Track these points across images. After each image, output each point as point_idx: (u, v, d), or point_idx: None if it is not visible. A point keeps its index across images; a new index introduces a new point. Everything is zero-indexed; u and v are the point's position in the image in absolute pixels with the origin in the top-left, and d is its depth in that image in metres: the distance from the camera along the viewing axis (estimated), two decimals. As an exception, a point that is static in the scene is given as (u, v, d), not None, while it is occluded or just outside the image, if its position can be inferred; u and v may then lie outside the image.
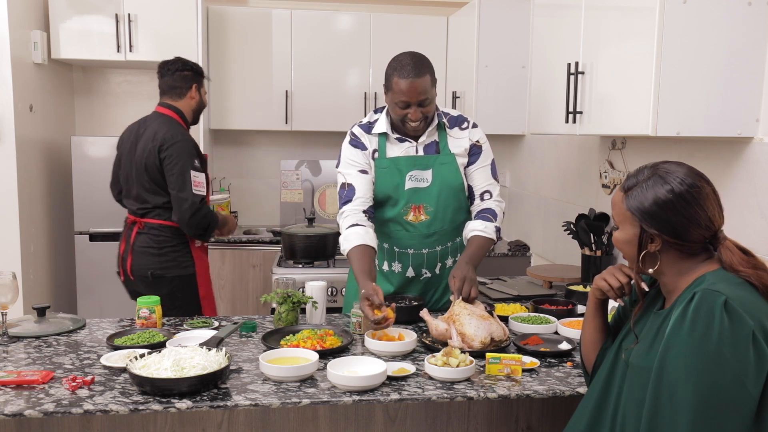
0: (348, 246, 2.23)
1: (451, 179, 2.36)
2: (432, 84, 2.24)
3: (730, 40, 1.94)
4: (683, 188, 1.36)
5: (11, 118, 3.39)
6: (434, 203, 2.36)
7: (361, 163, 2.36)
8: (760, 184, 1.99)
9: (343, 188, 2.36)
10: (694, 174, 1.39)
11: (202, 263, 2.92)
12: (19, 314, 3.09)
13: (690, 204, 1.35)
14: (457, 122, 2.41)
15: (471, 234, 2.34)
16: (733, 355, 1.23)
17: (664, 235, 1.38)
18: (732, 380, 1.22)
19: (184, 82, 2.94)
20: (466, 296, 2.12)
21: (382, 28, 4.27)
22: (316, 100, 4.29)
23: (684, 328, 1.28)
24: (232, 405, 1.64)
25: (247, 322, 2.24)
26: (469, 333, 1.98)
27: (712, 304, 1.27)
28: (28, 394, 1.67)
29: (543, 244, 3.68)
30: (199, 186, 2.80)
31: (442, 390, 1.73)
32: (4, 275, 2.10)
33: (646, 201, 1.38)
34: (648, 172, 1.41)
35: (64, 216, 4.04)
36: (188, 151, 2.80)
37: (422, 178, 2.36)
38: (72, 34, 3.82)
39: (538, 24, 2.91)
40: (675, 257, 1.41)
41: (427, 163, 2.35)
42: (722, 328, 1.24)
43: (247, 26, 4.19)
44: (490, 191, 2.41)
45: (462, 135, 2.39)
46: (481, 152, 2.40)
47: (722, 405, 1.23)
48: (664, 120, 1.96)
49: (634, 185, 1.41)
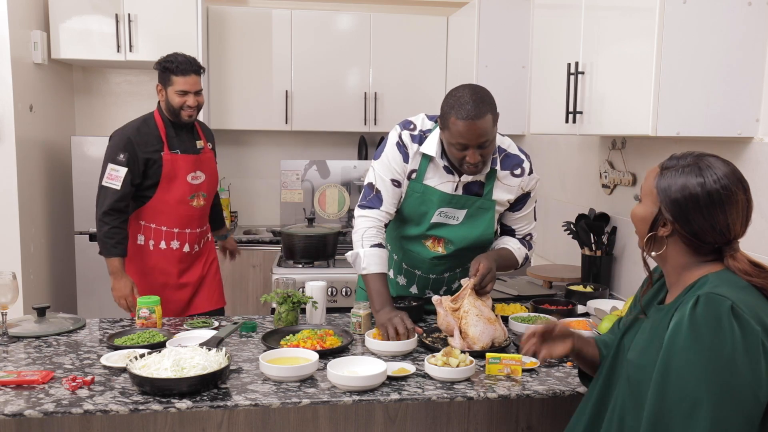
0: (370, 269, 2.13)
1: (481, 229, 2.19)
2: (494, 123, 2.00)
3: (730, 40, 1.94)
4: (715, 187, 1.32)
5: (11, 118, 3.39)
6: (455, 243, 2.21)
7: (398, 172, 2.16)
8: (760, 184, 1.99)
9: (371, 189, 2.20)
10: (735, 177, 1.35)
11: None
12: (19, 314, 3.09)
13: (714, 205, 1.32)
14: (511, 166, 2.17)
15: (503, 245, 2.24)
16: (746, 364, 1.21)
17: (677, 224, 1.35)
18: (745, 388, 1.21)
19: (157, 80, 2.88)
20: (479, 283, 2.04)
21: (382, 28, 4.27)
22: (316, 100, 4.29)
23: (689, 334, 1.25)
24: (232, 405, 1.64)
25: (247, 322, 2.24)
26: (472, 335, 1.97)
27: (718, 310, 1.24)
28: (28, 394, 1.67)
29: (543, 244, 3.68)
30: (112, 178, 2.76)
31: (442, 390, 1.73)
32: (4, 275, 2.10)
33: (674, 185, 1.35)
34: (691, 159, 1.37)
35: (64, 216, 4.04)
36: (115, 144, 2.79)
37: (453, 216, 2.18)
38: (72, 34, 3.82)
39: (538, 24, 2.91)
40: (681, 249, 1.38)
41: (463, 203, 2.17)
42: (734, 336, 1.22)
43: (247, 26, 4.19)
44: (531, 234, 2.31)
45: (513, 183, 2.17)
46: (527, 199, 2.23)
47: (734, 413, 1.21)
48: (664, 120, 1.96)
49: (673, 166, 1.38)
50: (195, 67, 2.85)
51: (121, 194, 2.77)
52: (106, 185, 2.77)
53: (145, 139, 2.81)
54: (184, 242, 2.94)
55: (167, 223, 2.90)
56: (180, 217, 2.91)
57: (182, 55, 2.85)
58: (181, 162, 2.87)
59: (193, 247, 2.99)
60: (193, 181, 2.91)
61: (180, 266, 2.95)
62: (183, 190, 2.88)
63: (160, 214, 2.88)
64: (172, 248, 2.92)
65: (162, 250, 2.91)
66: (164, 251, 2.91)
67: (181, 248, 2.94)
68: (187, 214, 2.92)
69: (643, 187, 1.44)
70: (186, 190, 2.89)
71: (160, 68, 2.85)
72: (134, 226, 2.90)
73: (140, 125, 2.86)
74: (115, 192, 2.76)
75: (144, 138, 2.82)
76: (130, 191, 2.80)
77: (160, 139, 2.84)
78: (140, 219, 2.89)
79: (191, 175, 2.90)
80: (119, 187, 2.76)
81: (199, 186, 2.94)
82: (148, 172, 2.82)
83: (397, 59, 4.32)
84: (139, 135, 2.82)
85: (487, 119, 1.96)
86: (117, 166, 2.76)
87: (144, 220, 2.89)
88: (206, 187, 2.98)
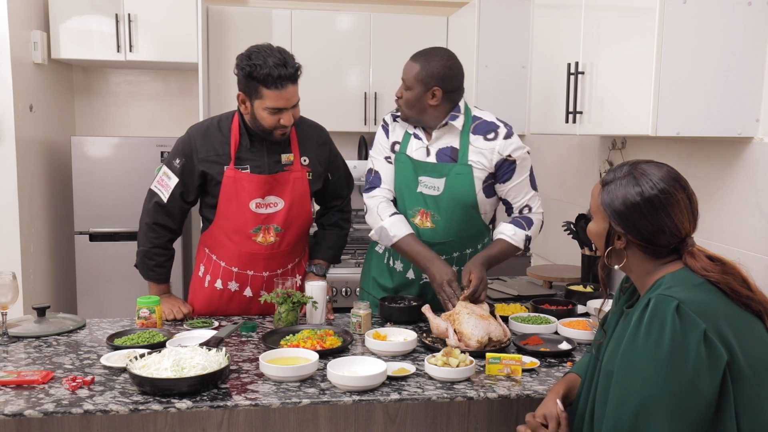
0: (399, 234, 2.25)
1: (462, 195, 2.24)
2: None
3: (730, 40, 1.94)
4: (653, 193, 1.35)
5: (11, 118, 3.39)
6: (441, 214, 2.27)
7: (385, 148, 2.36)
8: (760, 184, 1.99)
9: (370, 173, 2.39)
10: (670, 179, 1.38)
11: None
12: (19, 314, 3.08)
13: (657, 209, 1.35)
14: (484, 131, 2.25)
15: (498, 236, 2.28)
16: (686, 360, 1.23)
17: (629, 235, 1.39)
18: (685, 384, 1.23)
19: (238, 84, 2.20)
20: (472, 295, 2.11)
21: (382, 28, 4.27)
22: (316, 100, 4.27)
23: (639, 335, 1.29)
24: (232, 405, 1.64)
25: (247, 322, 2.24)
26: (465, 332, 1.99)
27: (664, 310, 1.27)
28: (28, 394, 1.67)
29: (543, 244, 3.68)
30: (162, 185, 2.28)
31: (442, 390, 1.73)
32: (4, 275, 2.10)
33: (616, 199, 1.39)
34: (626, 169, 1.41)
35: (64, 216, 4.04)
36: (177, 144, 2.32)
37: (434, 186, 2.26)
38: (72, 34, 3.82)
39: (538, 24, 2.91)
40: (640, 257, 1.41)
41: (440, 171, 2.25)
42: (674, 334, 1.25)
43: (247, 26, 4.19)
44: (529, 206, 2.31)
45: (485, 146, 2.24)
46: (515, 167, 2.24)
47: (682, 409, 1.23)
48: (664, 120, 1.96)
49: (611, 180, 1.42)
50: (292, 72, 2.14)
51: (169, 209, 2.28)
52: (154, 189, 2.29)
53: (210, 146, 2.24)
54: (245, 286, 2.36)
55: (226, 258, 2.33)
56: (240, 254, 2.31)
57: (274, 55, 2.11)
58: (245, 183, 2.23)
59: (258, 293, 2.35)
60: (258, 210, 2.26)
61: (241, 308, 2.40)
62: (244, 220, 2.26)
63: (219, 246, 2.33)
64: (230, 290, 2.35)
65: (218, 290, 2.35)
66: (220, 292, 2.35)
67: (241, 291, 2.36)
68: (250, 251, 2.30)
69: (591, 205, 1.48)
70: (248, 220, 2.26)
71: (244, 74, 2.13)
72: (200, 252, 2.42)
73: (210, 127, 2.28)
74: (161, 204, 2.27)
75: (209, 144, 2.24)
76: (180, 208, 2.29)
77: (227, 149, 2.24)
78: (204, 245, 2.39)
79: (256, 201, 2.24)
80: (166, 200, 2.26)
81: (269, 217, 2.28)
82: (208, 189, 2.28)
83: (397, 59, 4.27)
84: (204, 139, 2.24)
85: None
86: (170, 172, 2.26)
87: (207, 247, 2.37)
88: (282, 218, 2.29)
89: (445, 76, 2.22)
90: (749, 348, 1.27)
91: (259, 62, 2.09)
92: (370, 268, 2.54)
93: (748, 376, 1.25)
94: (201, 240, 2.41)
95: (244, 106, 2.21)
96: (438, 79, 2.21)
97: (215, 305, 2.38)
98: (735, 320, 1.29)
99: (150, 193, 2.32)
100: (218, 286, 2.35)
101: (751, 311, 1.34)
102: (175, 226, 2.34)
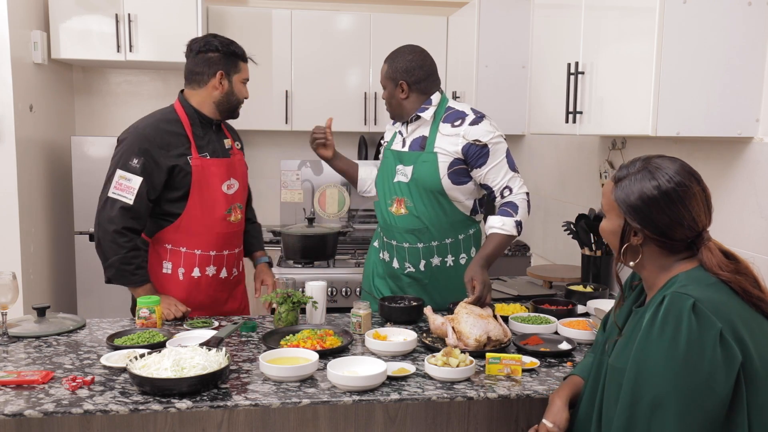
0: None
1: (426, 181, 2.34)
2: None
3: (730, 40, 1.94)
4: (670, 186, 1.35)
5: (11, 118, 3.39)
6: (413, 200, 2.39)
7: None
8: (760, 184, 1.99)
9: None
10: (685, 172, 1.37)
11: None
12: (19, 314, 3.08)
13: (674, 203, 1.35)
14: (452, 119, 2.34)
15: (489, 231, 2.34)
16: (703, 359, 1.23)
17: (646, 230, 1.38)
18: (702, 383, 1.23)
19: (206, 67, 2.34)
20: (478, 300, 2.13)
21: (382, 28, 4.27)
22: (316, 100, 4.29)
23: (654, 333, 1.28)
24: (232, 405, 1.64)
25: (247, 322, 2.24)
26: (464, 331, 1.99)
27: (680, 308, 1.26)
28: (28, 394, 1.67)
29: (543, 244, 3.68)
30: (123, 189, 2.25)
31: (442, 390, 1.73)
32: (4, 275, 2.10)
33: (632, 195, 1.38)
34: (639, 164, 1.40)
35: (64, 216, 4.04)
36: (128, 146, 2.29)
37: (405, 173, 2.40)
38: (72, 34, 3.82)
39: (538, 24, 2.91)
40: (656, 253, 1.40)
41: (409, 159, 2.39)
42: (690, 333, 1.24)
43: (247, 26, 4.19)
44: (509, 187, 2.33)
45: (452, 132, 2.31)
46: (487, 152, 2.29)
47: (695, 407, 1.23)
48: (664, 120, 1.96)
49: (625, 176, 1.41)
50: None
51: (136, 210, 2.27)
52: (114, 197, 2.25)
53: (168, 141, 2.29)
54: (222, 267, 2.44)
55: (202, 245, 2.37)
56: (217, 236, 2.39)
57: (222, 37, 2.39)
58: (214, 168, 2.35)
59: (231, 272, 2.49)
60: (228, 191, 2.39)
61: (216, 296, 2.47)
62: (219, 203, 2.37)
63: (193, 235, 2.36)
64: (208, 275, 2.41)
65: (195, 279, 2.39)
66: (197, 280, 2.39)
67: (218, 274, 2.44)
68: (226, 231, 2.40)
69: (603, 204, 1.47)
70: (222, 202, 2.37)
71: (225, 52, 2.34)
72: (157, 252, 2.39)
73: (159, 122, 2.32)
74: (127, 207, 2.25)
75: (167, 139, 2.29)
76: (147, 207, 2.29)
77: (186, 140, 2.32)
78: (165, 242, 2.37)
79: (226, 183, 2.38)
80: (132, 201, 2.25)
81: (234, 196, 2.43)
82: (173, 183, 2.31)
83: (397, 59, 4.32)
84: (159, 135, 2.29)
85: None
86: (129, 174, 2.25)
87: (171, 243, 2.36)
88: (240, 196, 2.48)
89: (407, 68, 2.36)
90: (762, 349, 1.27)
91: (230, 42, 2.38)
92: (370, 266, 2.61)
93: (761, 377, 1.25)
94: (157, 239, 2.39)
95: (221, 86, 2.36)
96: (402, 72, 2.37)
97: (194, 295, 2.40)
98: (748, 320, 1.29)
99: (110, 201, 2.27)
100: (195, 274, 2.40)
101: (761, 312, 1.33)
102: (141, 227, 2.33)
